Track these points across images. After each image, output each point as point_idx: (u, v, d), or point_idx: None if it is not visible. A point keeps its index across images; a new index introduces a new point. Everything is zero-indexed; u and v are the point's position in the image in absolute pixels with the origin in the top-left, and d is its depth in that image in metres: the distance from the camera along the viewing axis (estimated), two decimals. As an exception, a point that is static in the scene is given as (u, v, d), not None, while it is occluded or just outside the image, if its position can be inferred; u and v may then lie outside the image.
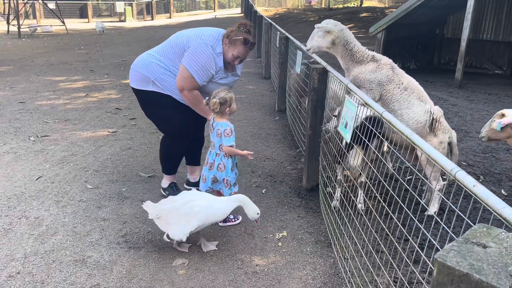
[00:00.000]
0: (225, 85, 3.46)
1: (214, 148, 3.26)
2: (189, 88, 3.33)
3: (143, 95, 3.52)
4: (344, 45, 3.65)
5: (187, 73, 3.29)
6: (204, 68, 3.29)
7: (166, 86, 3.43)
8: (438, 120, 3.35)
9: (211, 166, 3.26)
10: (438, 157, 1.67)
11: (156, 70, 3.41)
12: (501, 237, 1.12)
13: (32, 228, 3.26)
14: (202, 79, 3.31)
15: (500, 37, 10.57)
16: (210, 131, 3.30)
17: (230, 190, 3.26)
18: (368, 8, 26.78)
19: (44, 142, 5.18)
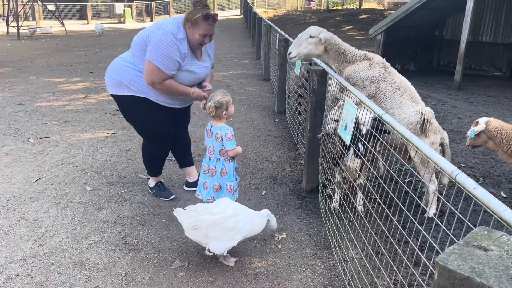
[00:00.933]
0: (201, 74, 3.43)
1: (214, 153, 3.19)
2: (159, 80, 3.23)
3: (121, 100, 3.48)
4: (336, 50, 3.61)
5: (152, 66, 3.20)
6: (167, 56, 3.18)
7: (139, 88, 3.37)
8: (429, 121, 3.35)
9: (212, 173, 3.19)
10: (438, 159, 1.67)
11: (127, 73, 3.36)
12: (502, 240, 1.12)
13: (31, 230, 3.25)
14: (168, 69, 3.21)
15: (499, 39, 10.59)
16: (208, 136, 3.21)
17: (233, 196, 3.23)
18: (367, 10, 26.84)
19: (43, 143, 5.17)
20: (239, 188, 3.35)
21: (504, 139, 3.45)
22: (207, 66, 3.52)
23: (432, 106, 7.47)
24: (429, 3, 9.35)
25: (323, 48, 3.63)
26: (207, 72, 3.55)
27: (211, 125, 3.22)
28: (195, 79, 3.44)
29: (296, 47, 3.67)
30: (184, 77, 3.34)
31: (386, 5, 30.84)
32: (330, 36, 3.62)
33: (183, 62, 3.28)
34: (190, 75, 3.36)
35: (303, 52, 3.68)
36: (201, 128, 5.87)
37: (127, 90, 3.39)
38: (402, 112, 3.38)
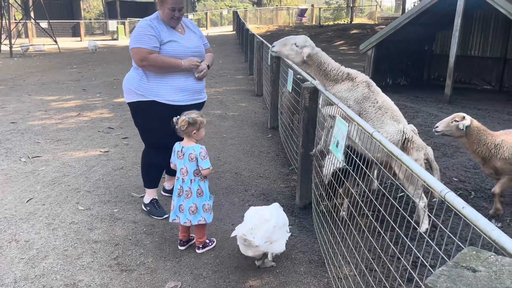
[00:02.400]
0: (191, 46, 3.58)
1: (187, 175, 3.11)
2: (143, 56, 3.40)
3: (131, 106, 3.69)
4: (317, 66, 3.56)
5: (133, 50, 3.45)
6: (141, 35, 3.42)
7: (145, 91, 3.52)
8: (410, 140, 3.39)
9: (188, 195, 3.11)
10: (428, 178, 1.69)
11: (134, 79, 3.57)
12: (490, 260, 1.13)
13: (22, 252, 3.21)
14: (146, 43, 3.39)
15: (488, 53, 10.77)
16: (179, 157, 3.15)
17: (211, 215, 3.19)
18: (358, 25, 27.23)
19: (35, 163, 5.15)
20: None
21: (477, 139, 3.71)
22: (194, 40, 3.67)
23: (423, 119, 7.55)
24: (418, 18, 9.52)
25: (302, 59, 3.57)
26: (198, 46, 3.68)
27: (181, 146, 3.16)
28: (187, 51, 3.55)
29: (280, 45, 3.65)
30: (173, 49, 3.49)
31: (377, 20, 31.31)
32: (314, 53, 3.53)
33: (163, 35, 3.46)
34: (178, 46, 3.52)
35: (284, 54, 3.65)
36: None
37: (136, 96, 3.57)
38: (383, 132, 3.40)
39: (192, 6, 41.27)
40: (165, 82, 3.53)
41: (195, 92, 3.69)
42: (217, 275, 2.97)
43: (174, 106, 3.53)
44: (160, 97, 3.52)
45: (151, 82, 3.52)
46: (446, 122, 3.78)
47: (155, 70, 3.49)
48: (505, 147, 3.62)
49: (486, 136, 3.70)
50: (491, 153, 3.68)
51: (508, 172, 3.67)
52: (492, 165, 3.72)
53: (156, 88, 3.51)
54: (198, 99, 3.75)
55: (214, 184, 4.55)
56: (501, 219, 3.81)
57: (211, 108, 8.16)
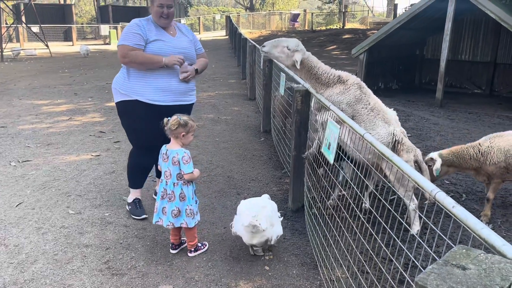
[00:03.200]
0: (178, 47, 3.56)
1: (170, 178, 3.09)
2: (125, 53, 3.42)
3: (117, 106, 3.69)
4: (308, 70, 3.54)
5: (119, 47, 3.49)
6: (128, 33, 3.46)
7: (128, 90, 3.52)
8: (400, 142, 3.41)
9: (170, 198, 3.09)
10: (419, 178, 1.69)
11: (119, 78, 3.61)
12: (480, 258, 1.13)
13: (12, 256, 3.17)
14: (130, 41, 3.42)
15: (478, 57, 10.89)
16: (164, 160, 3.13)
17: (194, 220, 3.14)
18: (350, 30, 27.41)
19: (25, 167, 5.09)
20: (199, 212, 3.26)
21: (462, 160, 3.77)
22: (183, 43, 3.66)
23: (415, 123, 7.60)
24: (409, 23, 9.60)
25: (292, 63, 3.53)
26: (186, 48, 3.65)
27: (167, 148, 3.14)
28: (173, 51, 3.52)
29: (271, 46, 3.59)
30: (159, 47, 3.49)
31: (369, 25, 31.55)
32: (305, 58, 3.52)
33: (149, 34, 3.48)
34: (164, 45, 3.51)
35: (274, 55, 3.60)
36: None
37: (120, 96, 3.58)
38: (375, 134, 3.42)
39: (185, 11, 41.30)
40: (147, 82, 3.51)
41: (180, 93, 3.63)
42: (209, 278, 2.95)
43: (157, 106, 3.52)
44: (142, 96, 3.51)
45: (133, 81, 3.52)
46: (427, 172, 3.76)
47: (137, 67, 3.49)
48: (493, 152, 3.66)
49: (468, 150, 3.75)
50: (480, 162, 3.72)
51: (499, 175, 3.70)
52: (484, 172, 3.76)
53: (138, 87, 3.51)
54: (183, 101, 3.68)
55: (207, 187, 4.54)
56: (492, 220, 3.84)
57: (204, 112, 8.15)
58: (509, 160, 3.61)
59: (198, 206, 3.26)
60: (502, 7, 7.99)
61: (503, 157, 3.62)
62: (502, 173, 3.68)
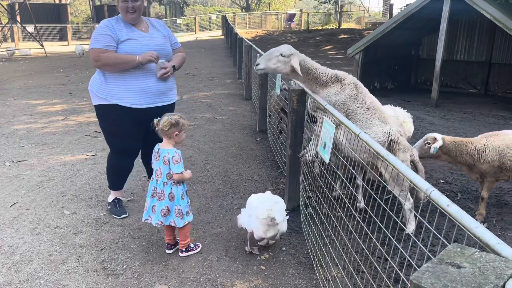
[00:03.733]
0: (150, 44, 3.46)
1: (161, 177, 3.08)
2: (97, 56, 3.33)
3: (96, 109, 3.64)
4: (306, 72, 3.52)
5: (90, 51, 3.40)
6: (97, 35, 3.38)
7: (106, 95, 3.46)
8: (396, 141, 3.41)
9: (160, 197, 3.08)
10: (414, 177, 1.69)
11: (96, 81, 3.54)
12: (474, 257, 1.13)
13: (6, 257, 3.15)
14: (100, 43, 3.34)
15: (473, 57, 10.94)
16: (155, 158, 3.12)
17: (183, 220, 3.11)
18: (346, 30, 27.45)
19: (20, 167, 5.06)
20: (191, 212, 3.24)
21: (458, 151, 3.77)
22: (157, 39, 3.57)
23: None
24: (405, 23, 9.63)
25: (291, 68, 3.51)
26: (161, 45, 3.55)
27: (159, 147, 3.12)
28: (146, 49, 3.41)
29: (265, 61, 3.57)
30: (131, 47, 3.41)
31: (365, 25, 31.62)
32: (301, 61, 3.51)
33: (120, 33, 3.40)
34: (136, 44, 3.43)
35: (271, 68, 3.57)
36: (182, 148, 5.84)
37: (98, 99, 3.52)
38: (371, 132, 3.43)
39: (181, 11, 41.22)
40: (124, 84, 3.43)
41: (158, 93, 3.56)
42: (205, 278, 2.94)
43: (137, 110, 3.47)
44: (120, 100, 3.44)
45: (110, 84, 3.45)
46: (420, 146, 3.83)
47: (111, 69, 3.40)
48: (488, 151, 3.68)
49: (467, 145, 3.76)
50: (474, 159, 3.73)
51: (492, 174, 3.72)
52: (478, 170, 3.77)
53: (116, 90, 3.44)
54: (163, 102, 3.62)
55: (202, 187, 4.53)
56: (487, 219, 3.85)
57: (200, 112, 8.14)
58: (503, 160, 3.63)
59: (190, 206, 3.24)
60: (497, 7, 8.03)
61: (497, 156, 3.64)
62: (496, 172, 3.70)
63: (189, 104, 8.85)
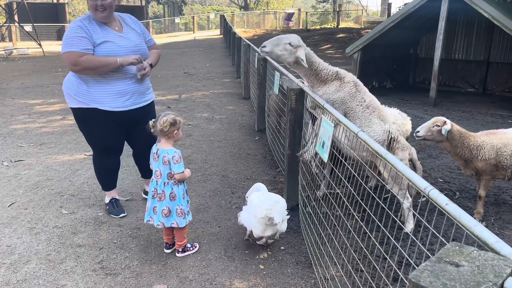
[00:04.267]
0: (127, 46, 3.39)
1: (161, 177, 3.06)
2: (75, 61, 3.20)
3: (73, 112, 3.56)
4: (309, 66, 3.54)
5: (64, 55, 3.24)
6: (71, 38, 3.22)
7: (85, 99, 3.38)
8: (395, 140, 3.42)
9: (161, 197, 3.07)
10: (412, 176, 1.69)
11: (72, 83, 3.42)
12: (473, 255, 1.13)
13: (4, 256, 3.14)
14: (76, 46, 3.20)
15: (471, 56, 10.95)
16: (154, 159, 3.10)
17: (185, 220, 3.12)
18: (345, 29, 27.45)
19: (18, 167, 5.05)
20: (191, 212, 3.26)
21: (460, 142, 3.72)
22: (133, 39, 3.48)
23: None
24: (403, 22, 9.63)
25: (295, 59, 3.53)
26: (138, 45, 3.49)
27: (157, 148, 3.10)
28: (124, 51, 3.36)
29: (272, 45, 3.56)
30: (108, 50, 3.30)
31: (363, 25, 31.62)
32: (307, 54, 3.53)
33: (95, 36, 3.27)
34: (113, 46, 3.32)
35: (276, 54, 3.56)
36: (181, 148, 5.84)
37: (76, 102, 3.44)
38: (370, 131, 3.43)
39: (179, 10, 41.17)
40: (106, 88, 3.37)
41: (139, 94, 3.54)
42: (204, 277, 2.94)
43: (117, 112, 3.44)
44: (100, 104, 3.38)
45: (91, 88, 3.36)
46: (427, 127, 3.77)
47: (91, 73, 3.29)
48: (485, 148, 3.67)
49: (469, 138, 3.73)
50: (472, 155, 3.71)
51: (488, 172, 3.71)
52: (473, 167, 3.77)
53: (95, 94, 3.36)
54: (143, 102, 3.61)
55: (201, 186, 4.52)
56: (485, 218, 3.86)
57: (198, 111, 8.13)
58: (499, 158, 3.63)
59: (190, 205, 3.24)
60: (495, 6, 8.03)
61: (494, 155, 3.64)
62: (492, 170, 3.69)
63: (187, 104, 8.85)
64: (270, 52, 3.58)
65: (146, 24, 32.41)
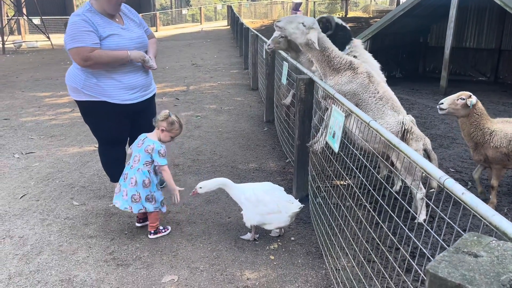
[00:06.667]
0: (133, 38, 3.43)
1: (137, 163, 3.17)
2: (85, 56, 3.18)
3: (80, 105, 3.56)
4: (321, 51, 3.47)
5: (72, 51, 3.21)
6: (78, 33, 3.18)
7: (94, 92, 3.39)
8: (409, 131, 3.37)
9: (132, 183, 3.17)
10: (426, 165, 1.66)
11: (78, 77, 3.40)
12: (492, 245, 1.10)
13: (17, 248, 3.17)
14: (85, 42, 3.18)
15: (483, 44, 10.77)
16: (138, 145, 3.21)
17: (154, 206, 3.24)
18: (353, 18, 27.14)
19: (29, 159, 5.09)
20: (165, 203, 3.38)
21: (477, 122, 3.66)
22: (135, 30, 3.51)
23: (419, 111, 7.54)
24: (413, 11, 9.48)
25: (307, 41, 3.45)
26: (140, 37, 3.52)
27: (146, 136, 3.24)
28: (129, 43, 3.39)
29: (286, 22, 3.51)
30: (115, 43, 3.31)
31: (372, 14, 31.23)
32: (320, 38, 3.44)
33: (100, 29, 3.25)
34: (119, 39, 3.34)
35: (289, 31, 3.50)
36: (190, 139, 5.84)
37: (84, 96, 3.44)
38: (383, 122, 3.39)
39: (187, 1, 41.01)
40: (115, 82, 3.39)
41: (145, 86, 3.61)
42: (214, 268, 2.94)
43: (126, 105, 3.49)
44: (110, 97, 3.41)
45: (101, 82, 3.36)
46: (452, 99, 3.70)
47: (101, 67, 3.31)
48: (498, 136, 3.62)
49: (486, 121, 3.66)
50: (484, 139, 3.65)
51: (497, 161, 3.66)
52: (483, 152, 3.71)
53: (106, 88, 3.38)
54: (148, 94, 3.69)
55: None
56: (500, 209, 3.81)
57: (207, 103, 8.12)
58: (511, 147, 3.57)
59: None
60: (507, -8, 7.87)
61: (506, 143, 3.58)
62: (502, 159, 3.64)
63: (195, 95, 8.83)
64: (283, 28, 3.54)
65: (153, 16, 32.37)
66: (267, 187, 3.27)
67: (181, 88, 9.63)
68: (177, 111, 7.36)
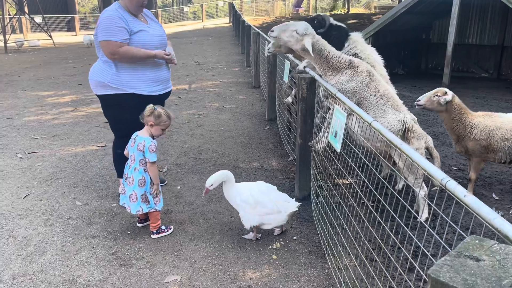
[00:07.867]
0: (157, 35, 3.67)
1: (134, 163, 3.23)
2: (114, 50, 3.42)
3: (105, 99, 3.69)
4: (318, 54, 3.46)
5: (103, 43, 3.45)
6: (111, 27, 3.42)
7: (121, 84, 3.57)
8: (411, 129, 3.37)
9: (130, 182, 3.23)
10: (428, 166, 1.66)
11: (105, 71, 3.59)
12: (493, 249, 1.10)
13: (20, 248, 3.19)
14: (117, 36, 3.42)
15: (485, 41, 10.73)
16: (131, 144, 3.28)
17: (149, 207, 3.26)
18: (355, 15, 27.06)
19: (31, 158, 5.11)
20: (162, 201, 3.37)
21: (457, 116, 3.74)
22: (158, 29, 3.77)
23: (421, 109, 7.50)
24: (415, 7, 9.44)
25: (303, 47, 3.45)
26: (162, 35, 3.77)
27: (137, 134, 3.28)
28: (154, 40, 3.64)
29: (280, 30, 3.54)
30: (143, 38, 3.56)
31: (374, 10, 31.13)
32: (315, 41, 3.44)
33: (131, 25, 3.51)
34: (146, 35, 3.59)
35: (283, 40, 3.53)
36: (192, 138, 5.85)
37: (109, 89, 3.60)
38: (384, 121, 3.38)
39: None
40: (138, 75, 3.60)
41: (166, 81, 3.83)
42: (217, 268, 2.95)
43: (148, 97, 3.63)
44: (136, 89, 3.60)
45: (122, 74, 3.56)
46: (428, 96, 3.83)
47: (126, 61, 3.54)
48: (478, 129, 3.68)
49: (467, 115, 3.74)
50: (465, 132, 3.72)
51: (477, 153, 3.72)
52: (464, 145, 3.78)
53: (131, 80, 3.58)
54: (168, 88, 3.90)
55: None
56: (503, 207, 3.80)
57: (209, 101, 8.11)
58: (490, 140, 3.62)
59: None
60: (510, -11, 7.82)
61: (485, 136, 3.63)
62: (482, 152, 3.69)
63: (197, 93, 8.83)
64: (277, 37, 3.57)
65: (155, 14, 32.32)
66: (263, 187, 3.26)
67: (183, 86, 9.63)
68: (179, 110, 7.37)
